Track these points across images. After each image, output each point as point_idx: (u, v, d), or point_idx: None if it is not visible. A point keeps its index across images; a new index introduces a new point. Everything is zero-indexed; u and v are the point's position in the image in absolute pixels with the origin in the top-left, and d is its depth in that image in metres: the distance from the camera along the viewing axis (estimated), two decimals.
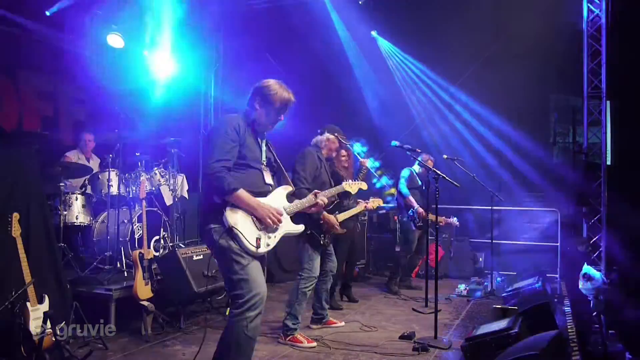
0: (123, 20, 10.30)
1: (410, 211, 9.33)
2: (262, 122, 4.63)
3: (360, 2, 11.73)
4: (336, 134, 7.00)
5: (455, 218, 9.91)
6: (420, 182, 9.55)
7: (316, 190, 5.11)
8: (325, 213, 6.45)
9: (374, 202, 7.78)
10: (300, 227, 4.77)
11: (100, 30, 10.17)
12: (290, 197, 4.83)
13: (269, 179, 4.67)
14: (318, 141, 6.97)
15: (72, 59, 10.37)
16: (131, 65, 10.84)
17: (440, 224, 8.47)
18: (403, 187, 9.48)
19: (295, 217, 4.79)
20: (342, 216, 7.16)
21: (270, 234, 4.47)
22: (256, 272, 4.35)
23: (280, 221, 4.47)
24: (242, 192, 4.26)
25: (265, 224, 4.38)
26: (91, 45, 10.38)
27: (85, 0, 9.97)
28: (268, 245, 4.44)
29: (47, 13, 9.58)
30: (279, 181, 4.89)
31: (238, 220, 4.28)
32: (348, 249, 8.53)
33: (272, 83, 4.64)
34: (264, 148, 4.70)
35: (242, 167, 4.43)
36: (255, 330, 4.37)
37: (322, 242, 6.57)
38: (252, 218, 4.36)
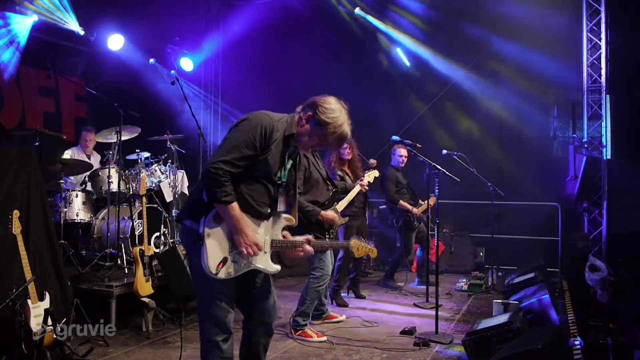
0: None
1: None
2: (301, 141, 3.90)
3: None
4: None
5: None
6: (404, 181, 9.47)
7: (308, 238, 4.16)
8: (322, 212, 6.37)
9: (369, 176, 7.36)
10: (275, 268, 4.06)
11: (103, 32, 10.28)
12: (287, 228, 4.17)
13: (279, 204, 4.07)
14: None
15: (75, 55, 10.44)
16: (132, 64, 10.88)
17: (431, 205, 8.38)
18: (392, 194, 9.26)
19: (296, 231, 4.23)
20: (342, 204, 6.95)
21: (238, 263, 3.83)
22: (219, 297, 3.85)
23: (255, 254, 3.83)
24: (234, 208, 3.68)
25: (241, 252, 3.78)
26: (94, 45, 10.46)
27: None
28: (229, 273, 3.80)
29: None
30: (287, 207, 4.18)
31: (214, 231, 3.75)
32: None
33: (335, 108, 3.81)
34: (287, 166, 4.01)
35: (252, 180, 3.82)
36: (229, 352, 3.95)
37: (328, 240, 6.48)
38: (230, 237, 3.78)
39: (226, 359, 3.94)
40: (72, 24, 10.01)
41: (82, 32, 10.17)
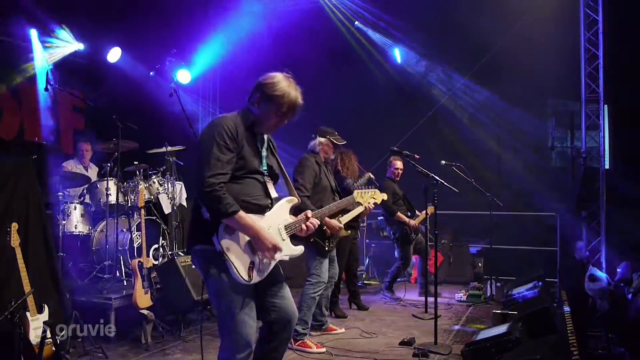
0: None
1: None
2: (262, 124, 3.93)
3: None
4: (328, 136, 6.89)
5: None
6: (401, 192, 9.49)
7: (308, 212, 4.21)
8: (327, 218, 6.41)
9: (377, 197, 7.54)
10: (300, 250, 4.20)
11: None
12: (295, 209, 4.24)
13: (272, 191, 4.03)
14: (313, 146, 6.92)
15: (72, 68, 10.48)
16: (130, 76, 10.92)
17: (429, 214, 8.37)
18: (390, 206, 9.20)
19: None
20: (346, 218, 6.89)
21: (265, 261, 3.87)
22: (245, 311, 3.81)
23: (278, 250, 3.88)
24: (242, 216, 3.67)
25: (261, 254, 3.80)
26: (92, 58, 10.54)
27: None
28: (262, 273, 3.86)
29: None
30: (279, 191, 4.18)
31: (232, 243, 3.71)
32: (347, 258, 8.46)
33: (279, 79, 3.87)
34: (264, 153, 4.03)
35: (237, 178, 3.80)
36: None
37: (327, 248, 6.53)
38: (248, 240, 3.77)
39: None
40: (73, 45, 10.17)
41: (82, 48, 10.26)
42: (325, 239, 6.49)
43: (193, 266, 6.51)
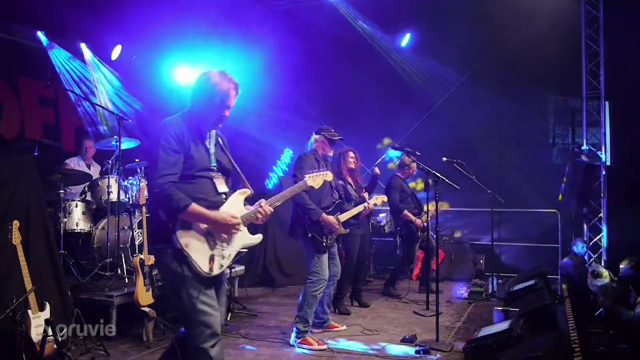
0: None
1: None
2: (206, 121, 4.13)
3: None
4: (323, 132, 6.86)
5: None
6: (409, 189, 9.50)
7: (261, 200, 4.32)
8: (324, 215, 6.43)
9: (376, 199, 7.63)
10: (258, 238, 4.35)
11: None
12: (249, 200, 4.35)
13: (222, 186, 4.16)
14: (309, 144, 6.92)
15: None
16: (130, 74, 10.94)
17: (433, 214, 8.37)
18: (397, 203, 9.26)
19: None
20: (344, 216, 7.04)
21: (225, 252, 4.04)
22: (207, 301, 3.95)
23: (239, 230, 4.06)
24: (195, 207, 3.82)
25: (225, 238, 4.03)
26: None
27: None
28: (222, 266, 4.03)
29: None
30: (235, 185, 4.38)
31: (190, 239, 3.87)
32: (358, 254, 8.47)
33: (212, 75, 4.11)
34: (212, 150, 4.18)
35: (188, 178, 3.97)
36: (219, 357, 3.99)
37: (324, 244, 6.51)
38: (205, 236, 3.94)
39: None
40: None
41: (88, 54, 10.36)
42: (323, 234, 6.47)
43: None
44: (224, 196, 4.13)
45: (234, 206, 4.14)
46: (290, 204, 6.43)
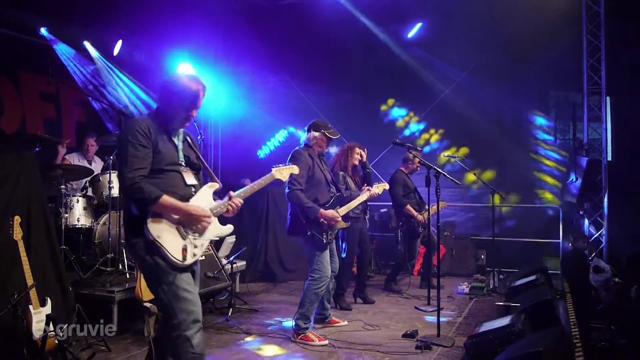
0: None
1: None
2: (173, 120, 4.24)
3: None
4: (322, 130, 6.75)
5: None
6: (412, 185, 9.49)
7: (230, 192, 4.45)
8: (322, 210, 6.38)
9: (379, 187, 7.43)
10: (229, 228, 4.42)
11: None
12: (216, 195, 4.45)
13: (190, 179, 4.28)
14: (307, 139, 6.85)
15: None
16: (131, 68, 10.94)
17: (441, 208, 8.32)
18: (399, 198, 9.27)
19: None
20: (344, 210, 6.86)
21: (197, 242, 4.14)
22: (186, 288, 4.04)
23: (209, 222, 4.17)
24: (166, 199, 3.93)
25: (197, 229, 4.11)
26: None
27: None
28: (194, 255, 4.13)
29: None
30: (204, 179, 4.52)
31: (162, 231, 3.97)
32: (361, 250, 8.47)
33: (180, 77, 4.25)
34: (180, 147, 4.31)
35: (157, 173, 4.07)
36: (201, 346, 4.06)
37: (324, 241, 6.45)
38: (177, 227, 4.03)
39: (197, 355, 4.03)
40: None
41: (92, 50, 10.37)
42: (322, 231, 6.42)
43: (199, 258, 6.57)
44: (193, 189, 4.25)
45: (203, 199, 4.26)
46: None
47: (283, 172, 5.16)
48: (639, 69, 9.68)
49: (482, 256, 11.27)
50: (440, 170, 6.86)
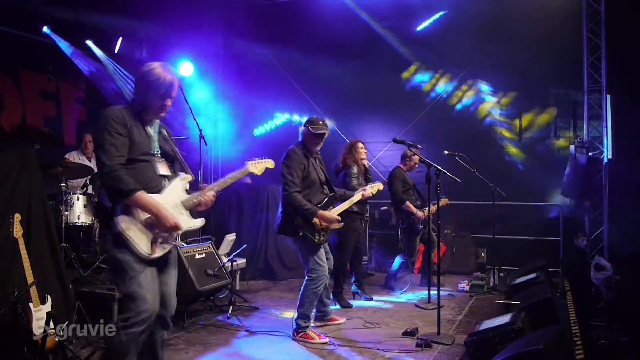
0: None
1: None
2: (148, 110, 4.28)
3: None
4: (307, 125, 6.59)
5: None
6: (412, 182, 9.48)
7: (203, 184, 4.53)
8: (320, 211, 6.28)
9: (373, 188, 7.29)
10: (200, 222, 4.46)
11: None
12: (190, 189, 4.47)
13: (163, 169, 4.31)
14: (300, 134, 6.73)
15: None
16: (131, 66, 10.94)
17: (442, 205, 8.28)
18: (399, 193, 9.21)
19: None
20: (338, 210, 6.76)
21: (166, 235, 4.17)
22: (147, 287, 4.05)
23: (179, 228, 4.15)
24: (142, 195, 3.97)
25: (162, 231, 4.11)
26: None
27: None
28: (164, 248, 4.17)
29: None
30: (178, 171, 4.52)
31: (130, 223, 4.00)
32: (353, 249, 8.46)
33: (155, 67, 4.25)
34: (155, 137, 4.35)
35: (130, 162, 4.09)
36: (131, 344, 4.08)
37: (316, 241, 6.37)
38: (146, 218, 4.06)
39: (121, 351, 4.08)
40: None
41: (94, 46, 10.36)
42: (315, 231, 6.35)
43: (200, 256, 6.57)
44: (165, 179, 4.28)
45: (175, 191, 4.30)
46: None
47: (258, 166, 5.13)
48: (639, 67, 9.67)
49: (483, 254, 11.27)
50: (440, 168, 6.85)
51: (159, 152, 4.34)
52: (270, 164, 5.32)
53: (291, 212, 6.34)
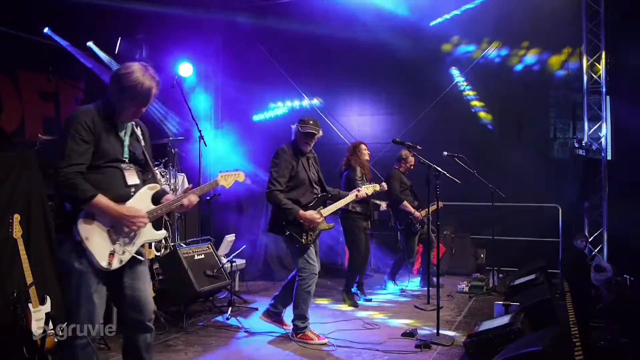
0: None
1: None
2: (121, 113, 4.02)
3: None
4: (297, 124, 6.55)
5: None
6: (408, 182, 9.48)
7: (189, 186, 4.42)
8: (301, 212, 6.26)
9: (368, 188, 7.17)
10: (161, 234, 4.34)
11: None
12: (158, 197, 4.28)
13: (132, 178, 4.09)
14: (292, 133, 6.69)
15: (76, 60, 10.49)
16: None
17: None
18: (397, 193, 9.21)
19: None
20: (328, 210, 6.66)
21: (126, 248, 3.98)
22: (97, 302, 3.96)
23: (145, 223, 4.01)
24: (100, 199, 3.76)
25: (130, 230, 3.96)
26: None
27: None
28: (121, 261, 3.95)
29: None
30: (147, 179, 4.32)
31: (91, 232, 3.82)
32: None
33: (134, 70, 3.93)
34: (126, 142, 4.10)
35: (97, 168, 3.89)
36: (87, 357, 3.98)
37: (304, 242, 6.33)
38: (108, 230, 3.89)
39: None
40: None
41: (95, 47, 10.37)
42: (302, 231, 6.32)
43: (199, 257, 6.53)
44: (132, 189, 4.07)
45: (141, 201, 4.10)
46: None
47: (228, 179, 5.01)
48: (639, 68, 9.68)
49: (482, 255, 11.27)
50: (439, 169, 6.85)
51: (129, 157, 4.11)
52: (240, 177, 5.13)
53: (279, 211, 6.35)
